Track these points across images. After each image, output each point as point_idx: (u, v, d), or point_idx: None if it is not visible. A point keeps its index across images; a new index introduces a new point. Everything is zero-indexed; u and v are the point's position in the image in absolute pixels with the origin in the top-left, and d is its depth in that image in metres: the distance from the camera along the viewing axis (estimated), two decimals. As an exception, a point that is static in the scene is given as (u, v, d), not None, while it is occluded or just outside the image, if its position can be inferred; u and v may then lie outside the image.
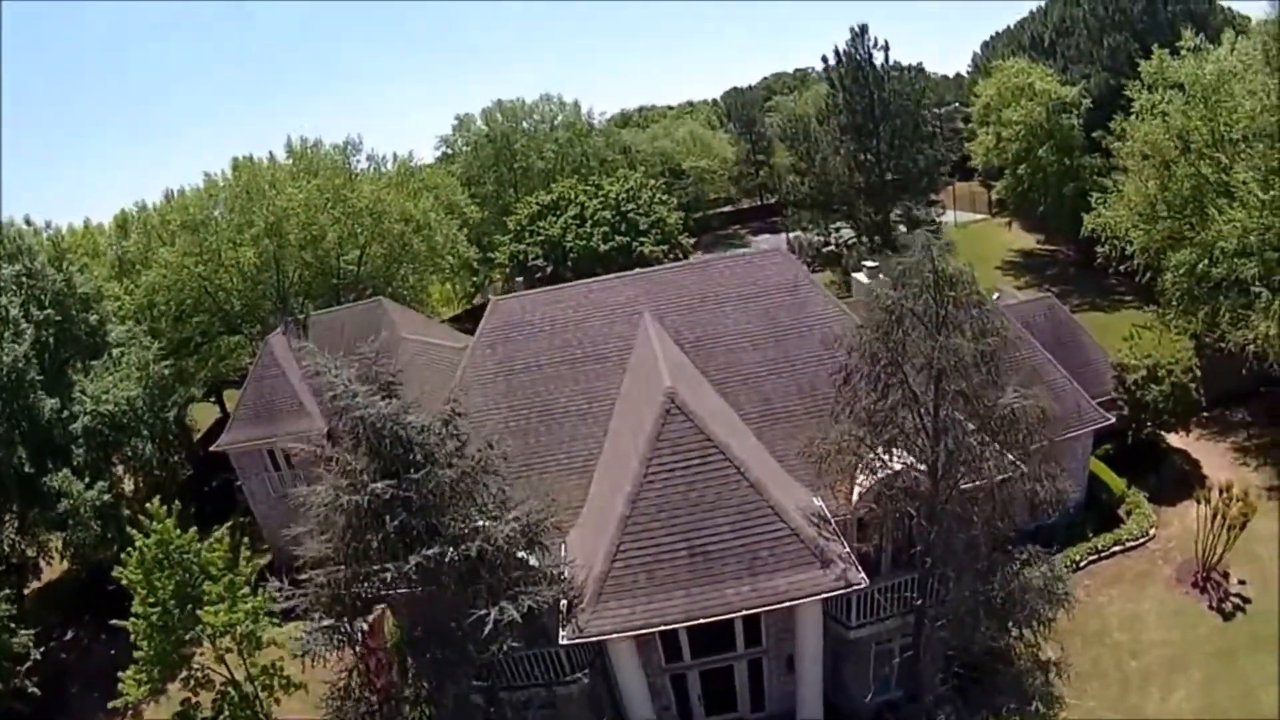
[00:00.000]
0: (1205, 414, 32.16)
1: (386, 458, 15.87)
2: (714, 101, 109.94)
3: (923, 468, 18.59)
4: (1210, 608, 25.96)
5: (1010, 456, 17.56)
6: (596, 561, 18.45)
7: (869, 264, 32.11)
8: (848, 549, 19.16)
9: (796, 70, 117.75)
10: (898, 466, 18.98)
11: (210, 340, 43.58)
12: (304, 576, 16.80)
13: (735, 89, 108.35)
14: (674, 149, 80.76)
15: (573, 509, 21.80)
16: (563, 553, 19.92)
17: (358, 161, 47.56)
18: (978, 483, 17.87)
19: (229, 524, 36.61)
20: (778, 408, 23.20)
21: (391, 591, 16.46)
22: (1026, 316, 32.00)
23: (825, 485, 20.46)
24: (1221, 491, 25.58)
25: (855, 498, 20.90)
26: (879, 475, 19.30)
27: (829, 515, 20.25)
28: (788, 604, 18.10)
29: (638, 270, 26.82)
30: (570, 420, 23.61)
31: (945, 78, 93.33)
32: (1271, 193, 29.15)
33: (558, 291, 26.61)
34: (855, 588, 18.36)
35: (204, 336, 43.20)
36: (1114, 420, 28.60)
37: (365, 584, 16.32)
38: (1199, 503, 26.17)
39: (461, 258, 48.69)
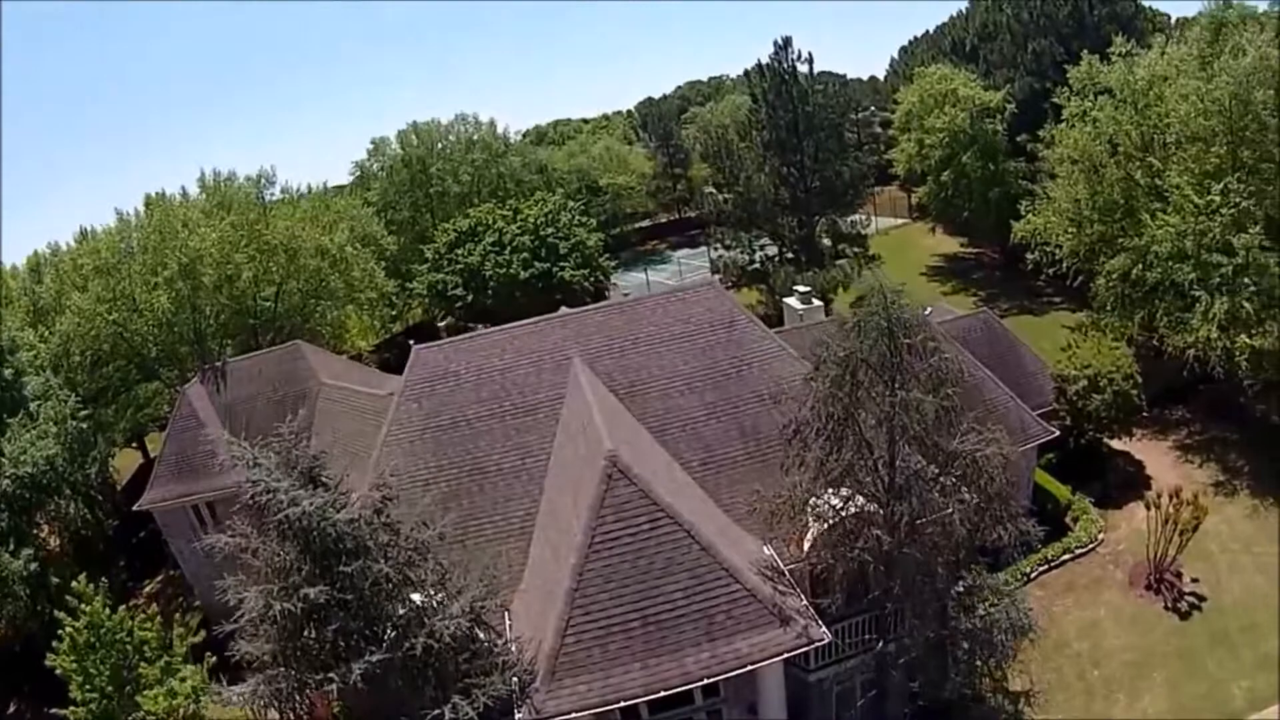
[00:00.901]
0: (1145, 414, 32.14)
1: (316, 553, 14.69)
2: (629, 113, 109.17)
3: (876, 509, 17.90)
4: (1166, 609, 26.03)
5: (972, 499, 16.88)
6: (546, 636, 17.27)
7: (800, 289, 31.43)
8: (804, 601, 18.34)
9: (711, 78, 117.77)
10: (851, 510, 18.28)
11: (128, 388, 41.88)
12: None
13: (649, 99, 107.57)
14: (591, 166, 79.89)
15: (514, 573, 20.52)
16: (507, 622, 18.93)
17: (271, 195, 45.65)
18: (936, 531, 17.17)
19: (159, 579, 35.85)
20: (719, 454, 22.22)
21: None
22: (963, 331, 31.66)
23: (776, 535, 19.60)
24: (1172, 496, 25.49)
25: (807, 546, 20.04)
26: (830, 522, 18.59)
27: (782, 566, 19.37)
28: (749, 668, 17.14)
29: (564, 311, 25.54)
30: (504, 479, 22.28)
31: (862, 80, 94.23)
32: (1207, 197, 29.26)
33: (482, 338, 25.18)
34: (817, 644, 17.58)
35: (121, 384, 41.48)
36: (1057, 433, 28.36)
37: (308, 689, 15.32)
38: (1148, 508, 26.11)
39: (379, 290, 46.82)
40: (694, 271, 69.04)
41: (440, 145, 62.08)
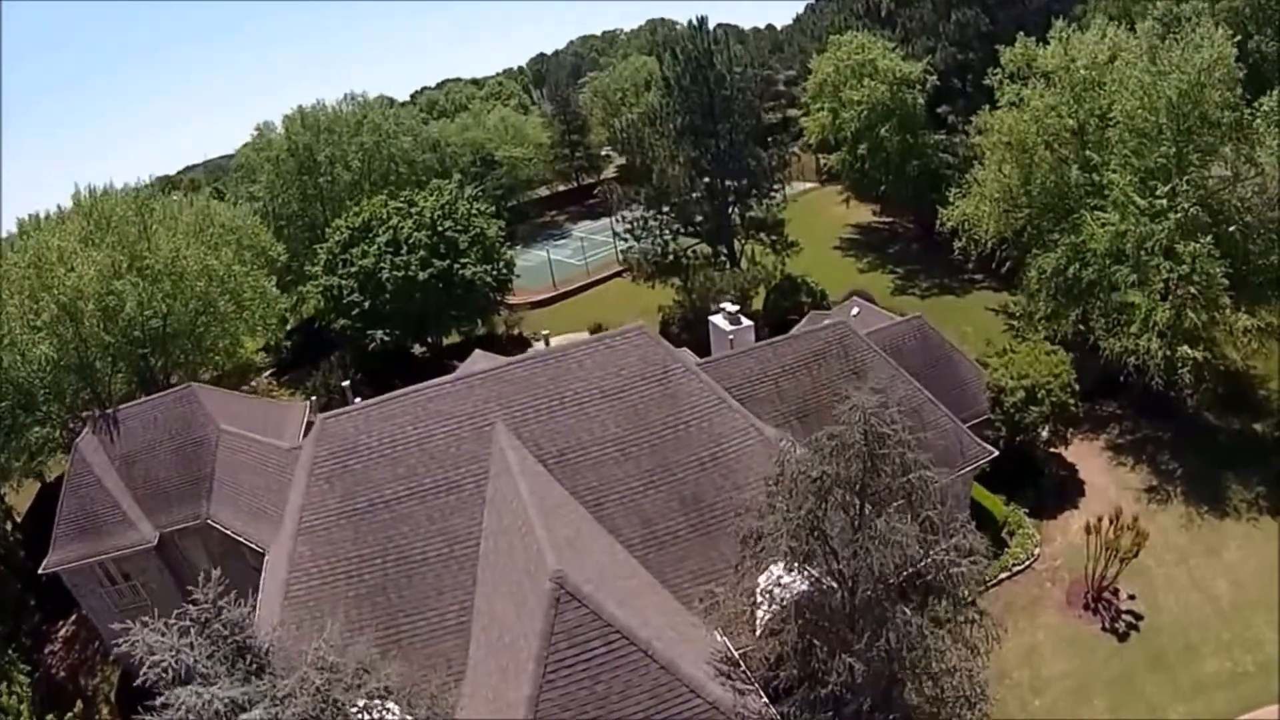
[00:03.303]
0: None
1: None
2: (520, 69, 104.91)
3: (833, 585, 16.87)
4: (1104, 629, 26.13)
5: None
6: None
7: (728, 306, 29.95)
8: (763, 699, 17.27)
9: (605, 33, 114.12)
10: (804, 588, 17.22)
11: (17, 434, 38.33)
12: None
13: (542, 55, 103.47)
14: (486, 138, 76.76)
15: (454, 672, 19.02)
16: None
17: (152, 209, 41.47)
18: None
19: (73, 619, 34.56)
20: (660, 529, 20.86)
21: None
22: (897, 340, 30.77)
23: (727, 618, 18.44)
24: (1111, 521, 25.37)
25: (759, 628, 18.97)
26: (783, 604, 17.50)
27: (735, 654, 18.28)
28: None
29: (482, 369, 23.28)
30: (432, 569, 20.47)
31: (759, 30, 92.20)
32: (1150, 198, 28.49)
33: (393, 403, 22.80)
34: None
35: (11, 428, 37.95)
36: (996, 453, 27.84)
37: None
38: (1088, 531, 25.94)
39: (271, 307, 43.47)
40: (597, 249, 67.16)
41: (327, 130, 57.69)
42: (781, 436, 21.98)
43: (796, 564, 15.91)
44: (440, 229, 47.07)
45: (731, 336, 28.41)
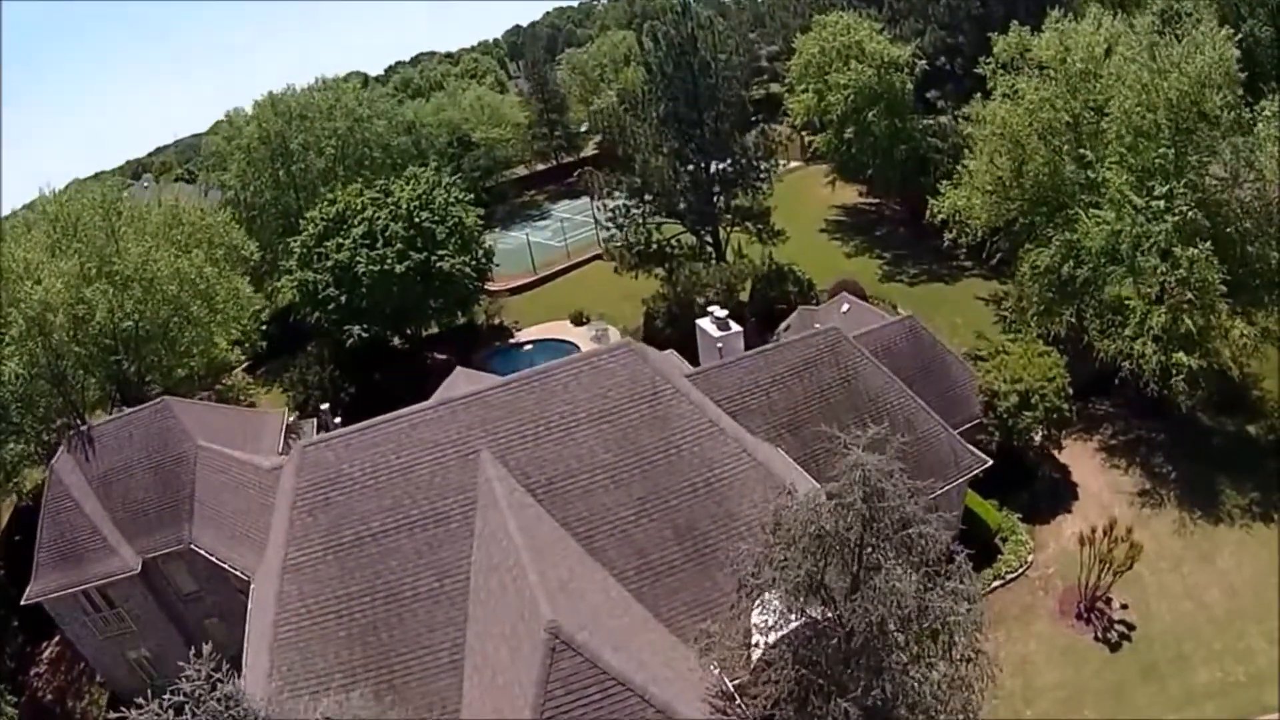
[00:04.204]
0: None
1: None
2: (496, 42, 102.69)
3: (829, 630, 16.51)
4: (1096, 639, 26.01)
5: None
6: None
7: (717, 311, 29.22)
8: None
9: (582, 3, 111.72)
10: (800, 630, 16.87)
11: None
12: None
13: (518, 27, 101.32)
14: (461, 119, 75.13)
15: (449, 713, 18.61)
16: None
17: (120, 211, 40.14)
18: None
19: (57, 640, 33.78)
20: (654, 559, 20.34)
21: None
22: (888, 341, 30.35)
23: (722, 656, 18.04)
24: (1105, 533, 25.16)
25: (753, 660, 18.63)
26: (778, 634, 17.14)
27: (730, 688, 17.91)
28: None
29: (465, 393, 22.51)
30: (423, 605, 19.92)
31: (739, 2, 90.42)
32: (1147, 198, 27.94)
33: (375, 430, 22.06)
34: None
35: None
36: (990, 462, 27.49)
37: None
38: (1082, 543, 25.75)
39: (245, 309, 42.36)
40: (577, 230, 66.01)
41: (300, 117, 56.07)
42: (773, 471, 21.64)
43: (794, 613, 15.48)
44: (417, 220, 45.93)
45: (720, 344, 27.76)
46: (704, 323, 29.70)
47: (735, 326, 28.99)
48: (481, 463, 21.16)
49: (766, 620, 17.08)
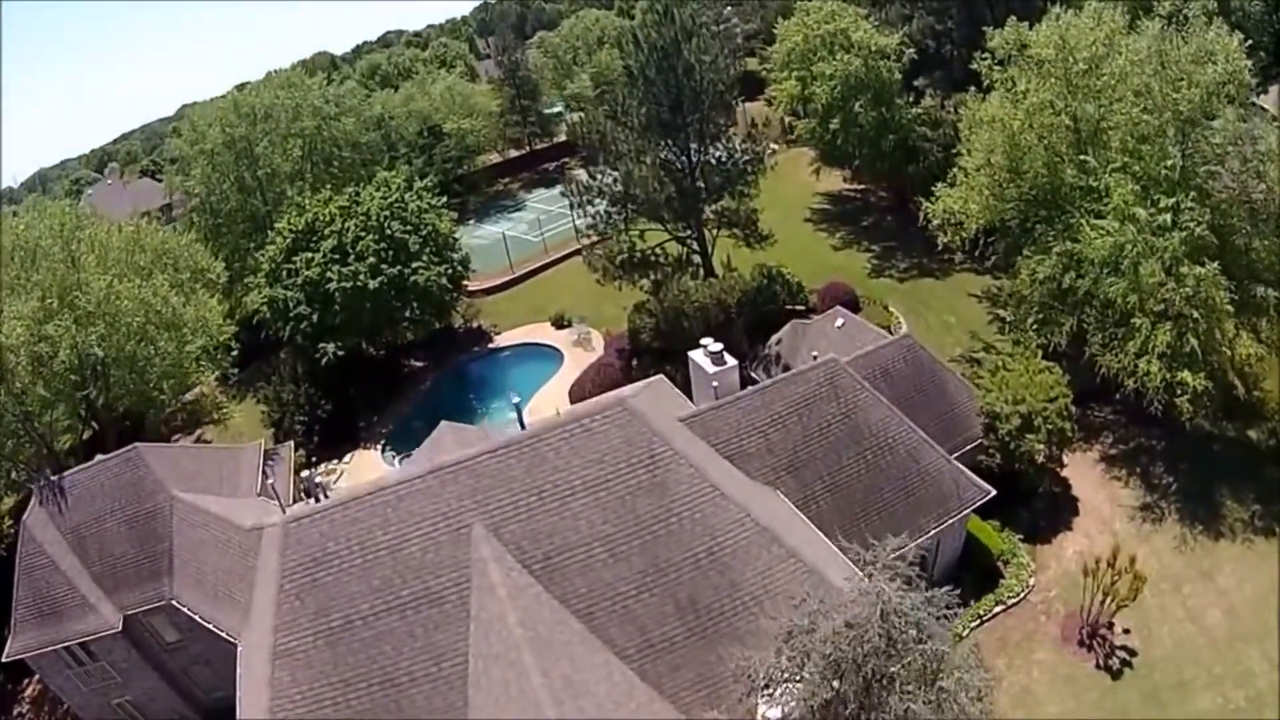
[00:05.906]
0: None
1: None
2: (464, 19, 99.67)
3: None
4: (1098, 667, 25.76)
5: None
6: None
7: (711, 345, 28.26)
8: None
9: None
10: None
11: None
12: None
13: (486, 3, 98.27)
14: (432, 109, 73.14)
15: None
16: None
17: (79, 238, 38.41)
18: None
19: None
20: (655, 636, 19.76)
21: None
22: (886, 364, 29.76)
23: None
24: (1109, 564, 24.83)
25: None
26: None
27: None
28: None
29: (453, 460, 21.56)
30: (420, 691, 19.30)
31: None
32: (1151, 210, 27.13)
33: (360, 505, 21.09)
34: None
35: None
36: (994, 493, 26.97)
37: None
38: (1086, 574, 25.41)
39: (215, 336, 40.95)
40: (554, 222, 64.26)
41: (264, 119, 54.04)
42: (778, 536, 20.96)
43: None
44: (388, 231, 44.50)
45: (715, 383, 26.86)
46: (697, 356, 28.70)
47: (730, 360, 28.06)
48: (474, 539, 20.39)
49: (776, 715, 16.68)
